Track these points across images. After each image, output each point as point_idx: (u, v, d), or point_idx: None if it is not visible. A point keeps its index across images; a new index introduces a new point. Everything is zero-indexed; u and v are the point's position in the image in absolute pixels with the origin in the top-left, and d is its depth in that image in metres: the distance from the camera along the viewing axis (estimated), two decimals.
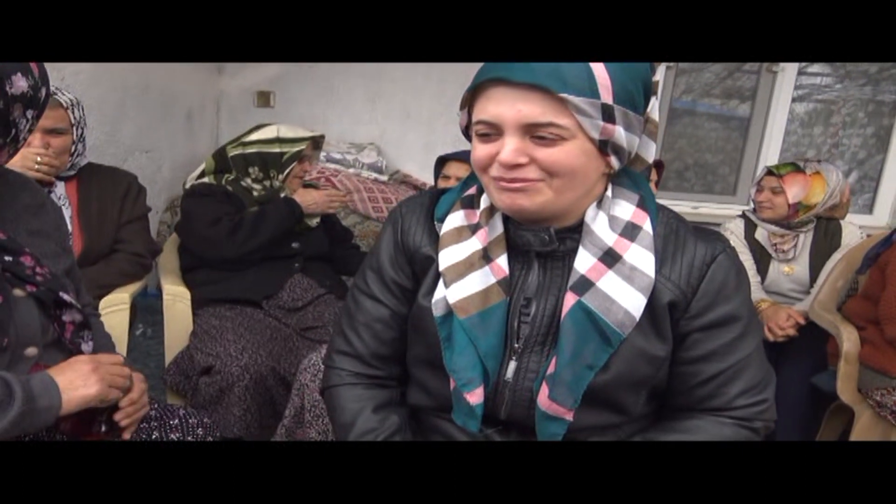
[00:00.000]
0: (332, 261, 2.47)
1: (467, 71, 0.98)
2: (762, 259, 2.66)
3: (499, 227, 1.05)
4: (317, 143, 2.34)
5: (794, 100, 3.84)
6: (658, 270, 1.01)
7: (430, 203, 1.14)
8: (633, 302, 0.98)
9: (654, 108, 1.02)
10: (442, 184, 2.64)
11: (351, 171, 3.83)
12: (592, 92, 0.90)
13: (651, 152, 1.05)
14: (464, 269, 1.03)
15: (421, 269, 1.11)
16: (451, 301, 1.03)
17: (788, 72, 3.75)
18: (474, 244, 1.05)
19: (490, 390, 1.05)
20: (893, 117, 3.69)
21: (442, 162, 2.68)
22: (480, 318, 1.02)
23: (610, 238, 1.00)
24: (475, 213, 1.07)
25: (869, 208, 3.85)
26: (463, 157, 2.37)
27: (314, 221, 2.35)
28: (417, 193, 1.19)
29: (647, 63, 0.97)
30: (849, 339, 2.09)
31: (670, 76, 3.90)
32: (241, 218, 2.12)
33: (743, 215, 2.77)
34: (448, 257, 1.05)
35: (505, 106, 0.92)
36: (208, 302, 2.15)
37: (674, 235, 1.04)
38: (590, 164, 0.96)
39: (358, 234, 3.34)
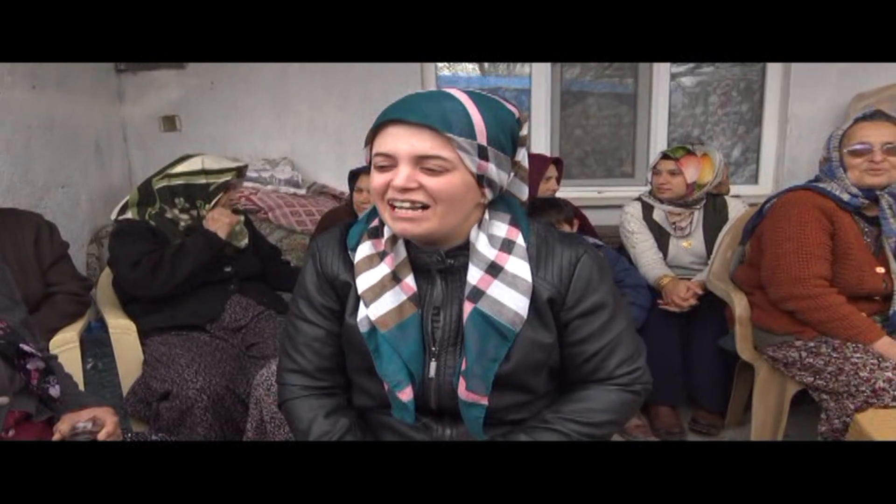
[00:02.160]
0: (265, 278, 2.55)
1: (365, 80, 1.14)
2: (662, 237, 2.86)
3: (402, 252, 1.26)
4: (241, 171, 2.40)
5: (676, 76, 4.08)
6: (535, 274, 1.23)
7: (342, 236, 1.33)
8: (518, 303, 1.20)
9: (524, 157, 1.25)
10: (356, 197, 2.78)
11: (269, 188, 3.83)
12: (471, 134, 1.13)
13: (524, 192, 1.30)
14: (378, 290, 1.23)
15: (343, 293, 1.30)
16: (372, 318, 1.22)
17: None
18: (384, 269, 1.24)
19: (419, 388, 1.25)
20: (763, 93, 4.01)
21: (354, 176, 2.80)
22: (399, 329, 1.22)
23: (491, 253, 1.22)
24: (381, 242, 1.26)
25: (754, 178, 4.15)
26: None
27: (243, 243, 2.42)
28: (330, 229, 1.38)
29: (514, 117, 1.20)
30: (739, 305, 2.31)
31: (556, 66, 4.05)
32: (160, 256, 2.16)
33: (639, 199, 2.96)
34: (364, 282, 1.24)
35: (401, 141, 1.14)
36: (154, 330, 2.21)
37: (544, 244, 1.27)
38: (468, 194, 1.18)
39: (286, 248, 3.41)
